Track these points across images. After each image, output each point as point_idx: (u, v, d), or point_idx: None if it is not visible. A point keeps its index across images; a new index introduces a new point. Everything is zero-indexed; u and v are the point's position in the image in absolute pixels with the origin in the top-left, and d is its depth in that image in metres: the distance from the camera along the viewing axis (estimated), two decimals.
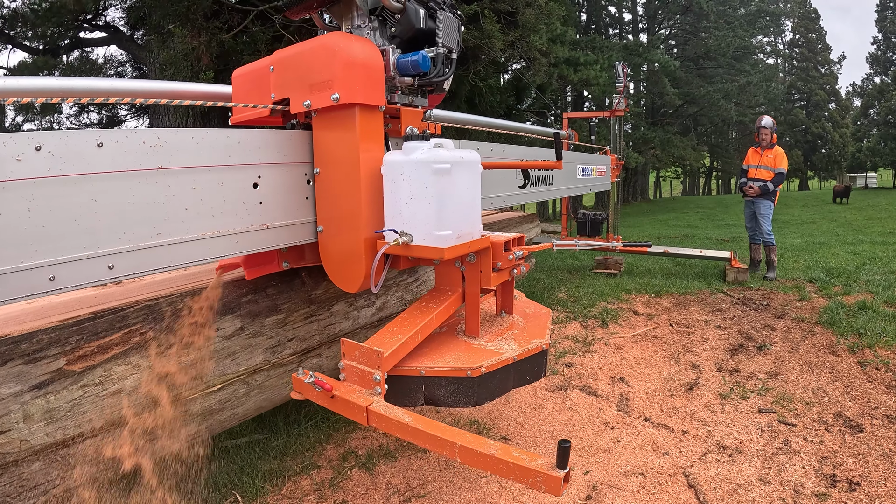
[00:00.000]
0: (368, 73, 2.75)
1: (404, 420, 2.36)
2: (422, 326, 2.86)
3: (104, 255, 2.17)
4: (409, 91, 3.16)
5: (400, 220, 2.76)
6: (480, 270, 3.01)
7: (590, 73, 23.30)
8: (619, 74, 10.80)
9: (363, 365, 2.63)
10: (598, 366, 5.71)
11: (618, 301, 7.88)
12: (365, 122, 2.79)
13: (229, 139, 2.58)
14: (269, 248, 2.84)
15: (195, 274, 3.52)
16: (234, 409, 3.20)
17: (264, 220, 2.77)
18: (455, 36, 3.04)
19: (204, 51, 11.14)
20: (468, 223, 2.88)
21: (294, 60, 2.89)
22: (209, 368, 3.01)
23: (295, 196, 2.94)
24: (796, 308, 7.28)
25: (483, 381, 2.74)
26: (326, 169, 2.96)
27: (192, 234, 2.44)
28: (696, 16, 41.29)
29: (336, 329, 3.77)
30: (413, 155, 2.69)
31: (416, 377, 2.77)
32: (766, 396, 4.99)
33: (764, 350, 6.00)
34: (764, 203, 9.97)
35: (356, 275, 2.93)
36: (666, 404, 4.91)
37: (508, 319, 3.36)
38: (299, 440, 4.29)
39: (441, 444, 2.25)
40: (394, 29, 3.01)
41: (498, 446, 2.15)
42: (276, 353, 3.36)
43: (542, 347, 3.02)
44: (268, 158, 2.77)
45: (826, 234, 16.23)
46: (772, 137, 10.01)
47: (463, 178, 2.84)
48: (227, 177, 2.58)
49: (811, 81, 69.65)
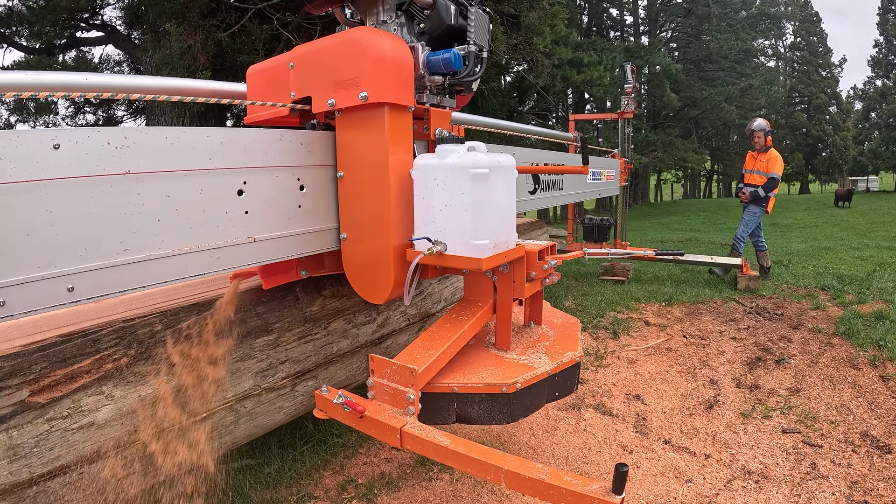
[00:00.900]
0: (399, 71, 2.61)
1: (442, 442, 2.20)
2: (454, 340, 2.72)
3: (62, 276, 1.89)
4: (438, 91, 3.04)
5: (433, 228, 2.64)
6: (513, 280, 2.89)
7: (593, 75, 23.09)
8: (627, 75, 10.53)
9: (395, 383, 2.47)
10: (612, 382, 5.40)
11: (628, 310, 7.57)
12: (394, 123, 2.65)
13: (210, 139, 2.29)
14: (256, 263, 2.55)
15: (195, 285, 3.28)
16: (221, 437, 2.91)
17: (250, 232, 2.48)
18: (486, 34, 2.93)
19: (200, 49, 10.88)
20: (504, 231, 2.76)
21: (317, 56, 2.73)
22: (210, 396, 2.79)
23: (287, 204, 2.66)
24: (812, 318, 7.00)
25: (518, 398, 2.63)
26: (351, 172, 2.80)
27: (165, 250, 2.16)
28: (697, 18, 41.16)
29: (333, 349, 3.50)
30: (448, 159, 2.58)
31: (448, 394, 2.65)
32: (790, 415, 4.71)
33: (783, 364, 5.72)
34: (749, 209, 9.80)
35: (383, 285, 2.79)
36: (686, 425, 4.61)
37: (538, 331, 3.24)
38: (294, 466, 3.98)
39: (484, 468, 2.09)
40: (422, 25, 2.88)
41: (547, 470, 2.01)
42: (268, 378, 3.10)
43: (576, 360, 2.91)
44: (255, 162, 2.48)
45: (830, 238, 16.07)
46: (766, 140, 9.77)
47: (500, 183, 2.72)
48: (206, 183, 2.29)
49: (812, 84, 69.45)
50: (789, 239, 16.17)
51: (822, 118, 69.02)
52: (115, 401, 2.41)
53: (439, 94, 3.06)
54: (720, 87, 39.27)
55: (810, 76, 70.28)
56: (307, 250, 2.80)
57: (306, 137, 2.72)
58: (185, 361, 2.67)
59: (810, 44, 71.82)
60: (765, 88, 43.57)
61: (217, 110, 14.11)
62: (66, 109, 19.14)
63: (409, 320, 4.12)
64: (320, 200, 2.83)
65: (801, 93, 70.54)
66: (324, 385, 3.18)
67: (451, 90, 3.13)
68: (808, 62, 71.35)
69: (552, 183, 6.23)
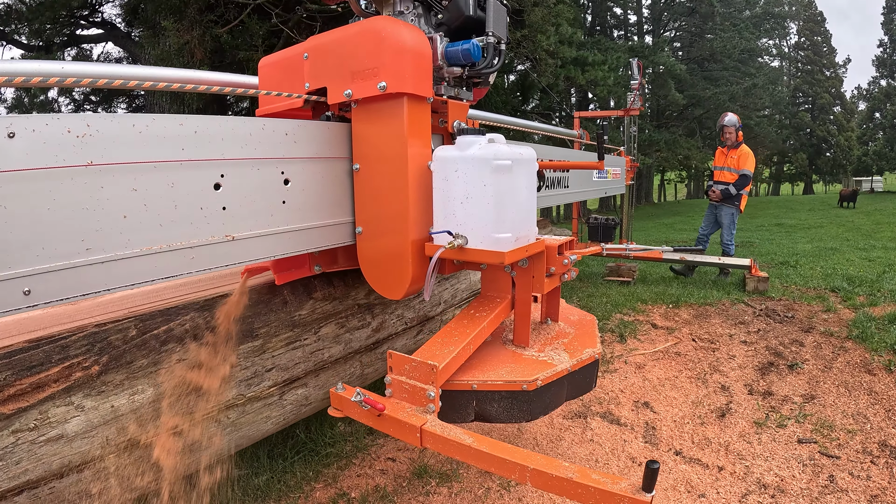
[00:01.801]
0: (418, 61, 2.56)
1: (465, 441, 2.16)
2: (473, 336, 2.67)
3: (17, 278, 1.70)
4: (456, 83, 3.00)
5: (454, 222, 2.60)
6: (533, 276, 2.86)
7: (598, 74, 22.91)
8: (633, 72, 10.32)
9: (414, 380, 2.43)
10: (620, 388, 5.19)
11: (634, 312, 7.34)
12: (413, 114, 2.60)
13: (183, 128, 2.09)
14: (236, 263, 2.36)
15: (179, 286, 3.14)
16: (205, 448, 2.73)
17: (228, 230, 2.28)
18: (504, 25, 2.89)
19: (197, 45, 10.75)
20: (525, 225, 2.72)
21: (333, 46, 2.68)
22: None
23: (270, 199, 2.47)
24: (823, 321, 6.76)
25: (538, 395, 2.59)
26: (368, 165, 2.75)
27: (132, 249, 1.96)
28: (701, 17, 41.05)
29: (325, 355, 3.31)
30: (469, 150, 2.53)
31: (467, 391, 2.59)
32: (805, 424, 4.50)
33: (796, 369, 5.49)
34: (727, 210, 9.60)
35: (401, 280, 2.74)
36: (697, 434, 4.40)
37: (555, 327, 3.21)
38: (284, 478, 3.79)
39: (510, 467, 2.04)
40: (440, 16, 2.87)
41: (575, 469, 1.98)
42: (253, 386, 2.91)
43: (595, 357, 2.88)
44: (233, 153, 2.29)
45: (836, 238, 15.85)
46: (737, 136, 9.55)
47: (521, 176, 2.69)
48: (179, 176, 2.09)
49: (816, 84, 69.35)
50: (795, 239, 15.97)
51: (827, 118, 69.03)
52: (85, 412, 2.22)
53: (457, 87, 3.01)
54: (724, 87, 39.09)
55: (814, 76, 70.21)
56: (296, 249, 2.62)
57: (292, 127, 2.54)
58: (172, 368, 2.54)
59: (814, 43, 71.75)
60: (769, 88, 43.44)
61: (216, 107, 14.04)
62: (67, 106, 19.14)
63: (407, 324, 3.94)
64: (316, 195, 2.68)
65: (805, 93, 70.50)
66: (312, 392, 3.15)
67: (468, 82, 3.09)
68: (813, 62, 71.27)
69: (557, 180, 6.04)
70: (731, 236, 9.66)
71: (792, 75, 73.57)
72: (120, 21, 16.46)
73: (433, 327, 4.26)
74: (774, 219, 25.29)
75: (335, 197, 2.79)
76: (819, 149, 69.87)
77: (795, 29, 72.03)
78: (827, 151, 70.00)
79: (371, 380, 3.78)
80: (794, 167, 72.46)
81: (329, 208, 2.76)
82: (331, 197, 2.77)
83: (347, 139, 2.78)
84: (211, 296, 2.84)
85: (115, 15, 16.79)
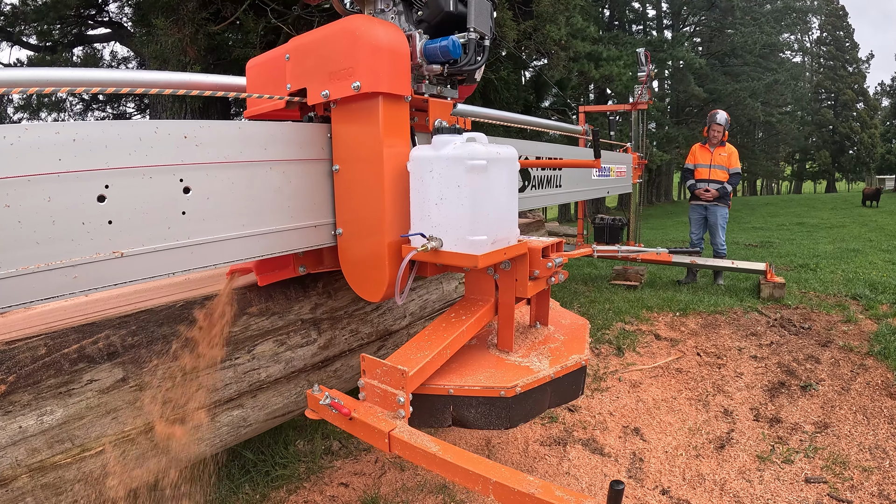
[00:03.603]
0: (393, 60, 2.54)
1: (431, 449, 2.11)
2: (450, 341, 2.61)
3: None
4: (438, 81, 2.95)
5: (428, 223, 2.55)
6: (516, 279, 2.79)
7: (613, 70, 22.46)
8: (641, 62, 9.84)
9: (385, 385, 2.38)
10: (609, 410, 4.69)
11: (637, 321, 6.88)
12: (389, 114, 2.57)
13: (60, 136, 1.90)
14: (127, 282, 2.12)
15: (109, 298, 2.94)
16: (127, 471, 2.54)
17: (116, 246, 2.06)
18: (488, 21, 2.81)
19: (189, 43, 10.45)
20: (504, 227, 2.65)
21: (312, 47, 2.67)
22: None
23: (166, 210, 2.19)
24: (842, 333, 6.26)
25: (518, 402, 2.53)
26: (346, 166, 2.74)
27: (6, 269, 1.82)
28: (721, 12, 40.48)
29: (261, 375, 3.01)
30: (444, 150, 2.48)
31: (444, 396, 2.54)
32: (815, 459, 3.97)
33: (809, 390, 4.96)
34: (720, 211, 9.12)
35: (378, 283, 2.72)
36: (690, 469, 3.88)
37: (544, 331, 3.12)
38: (229, 500, 3.44)
39: (472, 478, 2.00)
40: (420, 13, 2.80)
41: (539, 484, 1.90)
42: (178, 409, 2.68)
43: (581, 364, 2.80)
44: (120, 161, 2.06)
45: (858, 239, 15.29)
46: (724, 135, 9.14)
47: (499, 176, 2.61)
48: (56, 188, 1.91)
49: (839, 80, 68.50)
50: (816, 240, 15.49)
51: (850, 115, 68.24)
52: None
53: (439, 85, 2.96)
54: (745, 83, 38.56)
55: (837, 72, 69.38)
56: (204, 263, 2.33)
57: (192, 129, 2.24)
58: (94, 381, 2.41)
59: (836, 39, 70.89)
60: (790, 84, 42.92)
61: (219, 106, 13.82)
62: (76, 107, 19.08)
63: (364, 340, 3.57)
64: (232, 202, 2.42)
65: (827, 89, 69.71)
66: (251, 414, 2.96)
67: (451, 80, 3.03)
68: (835, 57, 70.43)
69: (547, 179, 5.58)
70: (724, 237, 9.16)
71: (814, 71, 72.64)
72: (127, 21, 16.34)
73: (398, 341, 3.89)
74: (796, 218, 24.73)
75: (271, 202, 2.58)
76: (842, 146, 69.06)
77: (817, 24, 71.15)
78: (850, 149, 69.19)
79: None
80: (817, 165, 71.67)
81: (260, 215, 2.53)
82: (265, 202, 2.55)
83: (285, 140, 2.61)
84: (132, 311, 2.64)
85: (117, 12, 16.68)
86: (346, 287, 3.43)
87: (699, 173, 9.19)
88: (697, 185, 9.16)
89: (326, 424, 4.22)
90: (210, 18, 10.97)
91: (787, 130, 49.87)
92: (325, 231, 2.81)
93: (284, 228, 2.62)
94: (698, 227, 9.36)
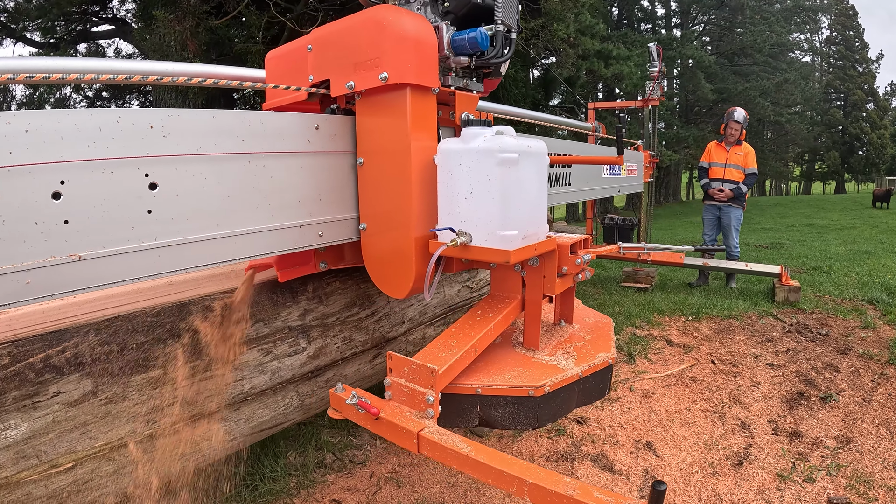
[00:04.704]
0: (421, 51, 2.49)
1: (462, 450, 2.08)
2: (478, 339, 2.58)
3: None
4: (464, 73, 2.91)
5: (457, 218, 2.51)
6: (544, 276, 2.75)
7: (622, 69, 22.25)
8: (653, 57, 9.56)
9: (414, 384, 2.34)
10: (620, 422, 4.43)
11: (649, 325, 6.64)
12: (417, 106, 2.52)
13: (10, 127, 1.71)
14: (87, 288, 1.94)
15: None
16: (102, 488, 2.41)
17: (73, 248, 1.88)
18: (514, 13, 2.77)
19: (189, 37, 10.27)
20: (534, 222, 2.61)
21: (336, 37, 2.63)
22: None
23: (130, 208, 1.99)
24: (861, 340, 6.02)
25: (546, 402, 2.49)
26: (371, 159, 2.70)
27: None
28: (730, 10, 40.30)
29: (245, 387, 2.83)
30: (474, 143, 2.43)
31: (471, 395, 2.50)
32: (838, 477, 3.71)
33: (829, 402, 4.71)
34: (734, 212, 8.86)
35: (404, 278, 2.67)
36: (706, 488, 3.61)
37: (568, 329, 3.09)
38: None
39: (507, 479, 1.96)
40: (447, 4, 2.78)
41: (577, 485, 1.88)
42: (152, 423, 2.52)
43: (609, 362, 2.76)
44: (77, 154, 1.86)
45: (870, 241, 15.01)
46: (741, 133, 8.89)
47: (530, 170, 2.57)
48: (5, 186, 1.73)
49: (849, 80, 68.14)
50: (827, 241, 15.24)
51: (859, 115, 67.89)
52: None
53: (465, 77, 2.91)
54: (754, 82, 38.30)
55: (847, 72, 69.06)
56: (173, 268, 2.11)
57: (159, 118, 2.02)
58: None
59: (846, 38, 70.50)
60: (800, 84, 42.62)
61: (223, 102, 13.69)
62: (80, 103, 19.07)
63: (358, 348, 3.36)
64: (207, 200, 2.20)
65: (837, 89, 69.37)
66: (234, 427, 2.84)
67: (477, 73, 2.98)
68: (845, 57, 70.10)
69: (555, 178, 5.36)
70: (738, 239, 8.93)
71: (823, 71, 72.25)
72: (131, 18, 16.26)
73: (396, 349, 3.67)
74: (805, 218, 24.47)
75: (256, 198, 2.39)
76: (851, 147, 68.77)
77: (827, 23, 70.81)
78: (860, 149, 68.83)
79: (315, 411, 3.32)
80: (826, 165, 71.36)
81: (242, 213, 2.34)
82: (247, 199, 2.35)
83: (264, 130, 2.40)
84: (105, 317, 2.47)
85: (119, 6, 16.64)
86: (338, 291, 3.26)
87: (713, 172, 8.94)
88: (711, 185, 8.91)
89: (320, 435, 4.02)
90: (211, 12, 10.79)
91: (796, 130, 49.59)
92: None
93: (267, 228, 2.44)
94: (711, 228, 9.10)
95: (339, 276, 3.33)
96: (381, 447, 3.95)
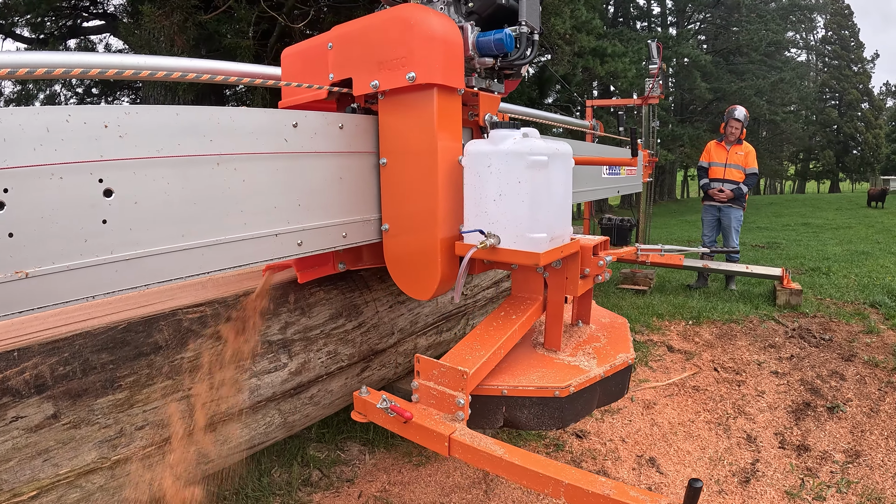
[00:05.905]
0: (449, 51, 2.48)
1: (496, 452, 2.06)
2: (505, 340, 2.56)
3: None
4: (487, 74, 2.89)
5: (486, 220, 2.51)
6: (566, 277, 2.75)
7: (618, 66, 22.15)
8: (652, 55, 9.38)
9: (443, 386, 2.33)
10: (621, 436, 4.22)
11: (648, 330, 6.47)
12: (443, 106, 2.49)
13: None
14: (31, 308, 1.72)
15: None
16: None
17: (19, 264, 1.66)
18: (537, 15, 2.80)
19: (177, 32, 10.04)
20: (561, 224, 2.63)
21: (359, 35, 2.60)
22: None
23: (82, 219, 1.76)
24: (865, 345, 5.86)
25: (570, 402, 2.50)
26: (395, 159, 2.66)
27: None
28: (726, 9, 40.26)
29: (221, 407, 2.62)
30: (503, 145, 2.43)
31: (496, 397, 2.49)
32: (848, 494, 3.52)
33: (837, 412, 4.52)
34: (735, 213, 8.72)
35: (430, 280, 2.67)
36: None
37: (586, 330, 3.09)
38: None
39: (542, 481, 1.96)
40: (471, 4, 2.79)
41: (612, 485, 1.88)
42: (119, 447, 2.32)
43: (628, 362, 2.78)
44: (23, 159, 1.65)
45: (866, 241, 14.93)
46: (741, 132, 8.75)
47: (558, 172, 2.58)
48: None
49: (844, 80, 68.31)
50: (823, 241, 15.14)
51: (854, 115, 68.08)
52: None
53: (488, 78, 2.89)
54: (750, 81, 38.27)
55: (842, 71, 69.25)
56: (134, 283, 1.90)
57: (113, 116, 1.80)
58: None
59: (842, 38, 70.68)
60: (796, 83, 42.60)
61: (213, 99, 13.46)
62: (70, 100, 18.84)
63: (344, 362, 3.16)
64: (167, 206, 1.96)
65: (832, 88, 69.56)
66: (211, 449, 2.70)
67: (500, 74, 2.98)
68: (840, 56, 70.29)
69: None
70: (738, 241, 8.78)
71: (819, 70, 72.37)
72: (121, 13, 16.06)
73: (385, 361, 3.50)
74: (801, 218, 24.34)
75: (228, 205, 2.16)
76: (846, 146, 68.92)
77: (822, 22, 70.98)
78: (854, 149, 68.97)
79: (299, 428, 3.16)
80: (821, 165, 71.48)
81: (214, 221, 2.11)
82: (219, 206, 2.12)
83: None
84: (66, 333, 2.31)
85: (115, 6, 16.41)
86: (322, 302, 3.08)
87: (713, 172, 8.79)
88: (711, 185, 8.75)
89: (306, 449, 3.81)
90: (200, 7, 10.58)
91: (791, 129, 49.58)
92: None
93: (224, 240, 2.17)
94: (711, 229, 8.94)
95: (324, 286, 3.17)
96: (370, 463, 3.75)
